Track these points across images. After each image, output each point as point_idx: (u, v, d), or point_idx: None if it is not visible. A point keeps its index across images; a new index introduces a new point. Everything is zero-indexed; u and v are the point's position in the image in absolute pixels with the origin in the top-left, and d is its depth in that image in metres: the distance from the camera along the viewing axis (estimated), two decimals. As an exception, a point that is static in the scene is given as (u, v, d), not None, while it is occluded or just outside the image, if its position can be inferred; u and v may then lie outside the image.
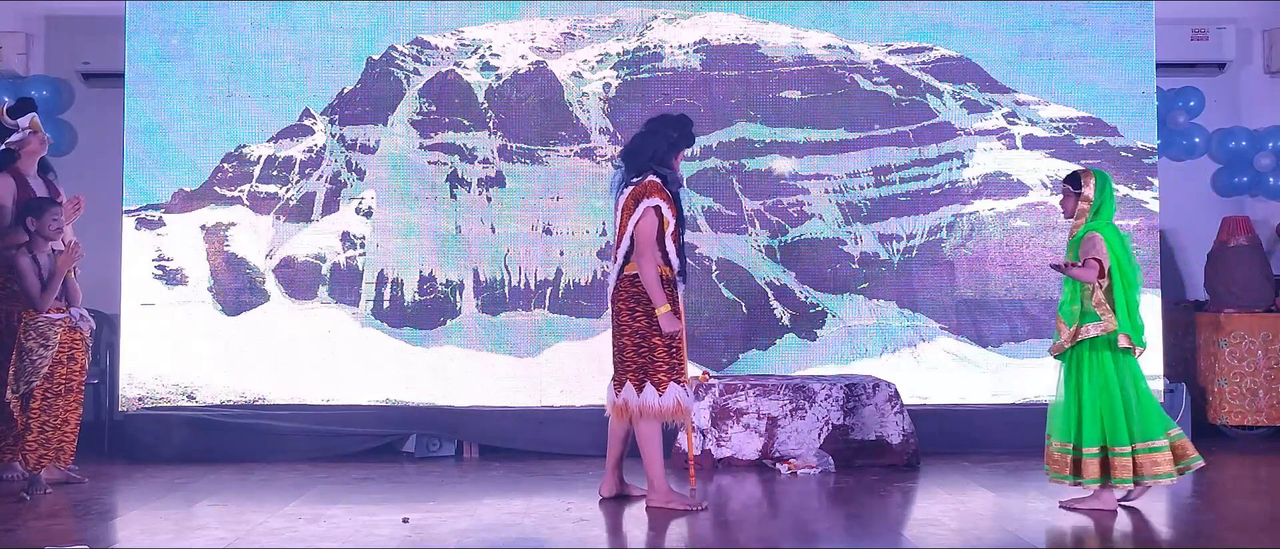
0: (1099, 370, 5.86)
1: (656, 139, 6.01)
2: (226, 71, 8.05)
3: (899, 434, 7.32)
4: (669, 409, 5.89)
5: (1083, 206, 5.97)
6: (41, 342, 6.51)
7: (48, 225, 6.59)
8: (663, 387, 5.87)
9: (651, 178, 5.95)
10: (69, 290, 6.67)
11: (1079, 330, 5.88)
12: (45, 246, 6.59)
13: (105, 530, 5.77)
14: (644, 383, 5.88)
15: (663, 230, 5.88)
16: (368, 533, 5.53)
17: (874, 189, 8.23)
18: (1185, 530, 5.65)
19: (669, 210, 5.90)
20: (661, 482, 5.97)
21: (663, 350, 5.88)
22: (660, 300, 5.81)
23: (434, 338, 8.03)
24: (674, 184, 6.00)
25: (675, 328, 5.84)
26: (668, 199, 5.93)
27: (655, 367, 5.87)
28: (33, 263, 6.53)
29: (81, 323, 6.72)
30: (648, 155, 5.99)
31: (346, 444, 7.75)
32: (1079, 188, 5.99)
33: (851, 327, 8.14)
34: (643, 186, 5.92)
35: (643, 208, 5.86)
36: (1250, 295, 8.47)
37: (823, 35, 8.27)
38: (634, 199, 5.91)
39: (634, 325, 5.90)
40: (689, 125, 6.10)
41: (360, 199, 8.10)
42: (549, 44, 8.30)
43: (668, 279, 5.93)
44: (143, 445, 7.67)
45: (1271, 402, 8.34)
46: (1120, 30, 8.25)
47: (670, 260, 5.93)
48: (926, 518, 5.95)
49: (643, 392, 5.88)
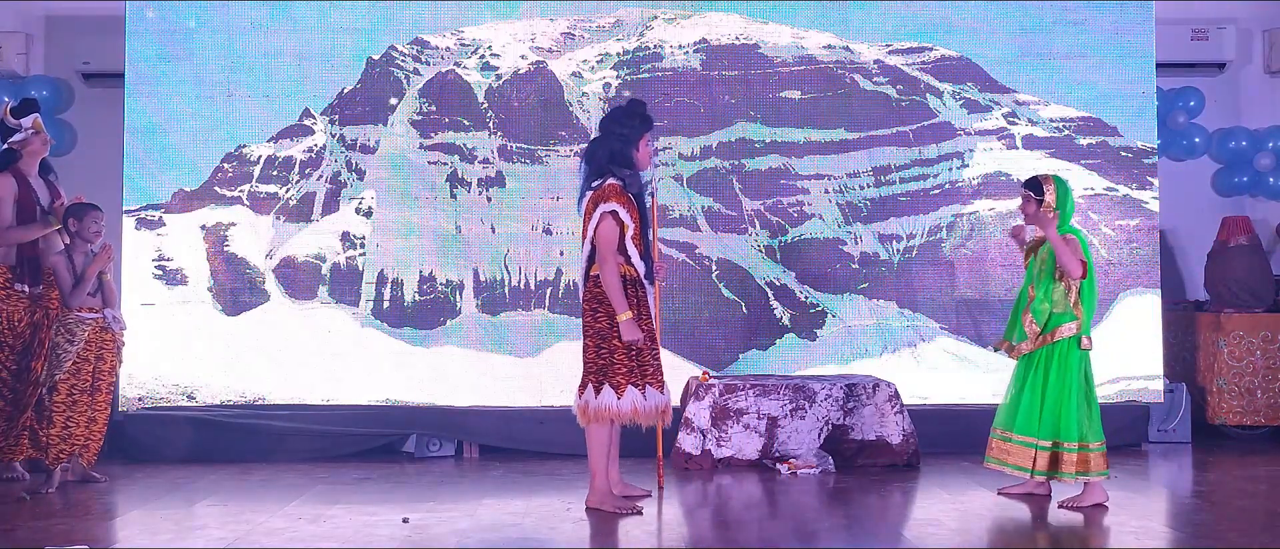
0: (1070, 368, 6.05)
1: (610, 139, 5.99)
2: (226, 71, 8.06)
3: (899, 434, 7.32)
4: (626, 412, 5.86)
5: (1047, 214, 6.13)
6: (67, 337, 6.58)
7: (88, 227, 6.72)
8: (621, 390, 5.85)
9: (611, 180, 5.92)
10: (106, 291, 6.74)
11: (1055, 331, 6.05)
12: (82, 248, 6.68)
13: (105, 530, 5.77)
14: (602, 385, 5.87)
15: (623, 233, 5.86)
16: (368, 533, 5.53)
17: (874, 189, 8.24)
18: (1185, 530, 5.65)
19: (627, 213, 5.86)
20: (602, 483, 5.97)
21: (623, 353, 5.86)
22: (621, 307, 5.80)
23: (434, 338, 8.03)
24: (634, 185, 5.95)
25: (635, 336, 5.81)
26: (626, 201, 5.89)
27: (614, 369, 5.86)
28: (67, 261, 6.65)
29: (114, 324, 6.76)
30: (604, 157, 5.97)
31: (346, 444, 7.75)
32: (1040, 194, 6.16)
33: (851, 327, 8.14)
34: (601, 191, 5.91)
35: (599, 214, 5.86)
36: (1250, 295, 8.47)
37: (823, 35, 8.27)
38: (593, 204, 5.90)
39: (595, 326, 5.90)
40: (639, 110, 6.05)
41: (360, 199, 8.10)
42: (549, 44, 8.30)
43: (633, 280, 5.91)
44: (143, 445, 7.67)
45: (1270, 401, 8.34)
46: (1120, 30, 8.25)
47: (634, 262, 5.91)
48: (926, 518, 5.95)
49: (600, 394, 5.87)
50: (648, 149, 6.05)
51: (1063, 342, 6.05)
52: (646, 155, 6.05)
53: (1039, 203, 6.17)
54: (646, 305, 5.99)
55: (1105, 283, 8.16)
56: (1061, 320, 6.06)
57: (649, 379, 5.93)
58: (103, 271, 6.69)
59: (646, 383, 5.91)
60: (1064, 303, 6.05)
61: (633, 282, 5.92)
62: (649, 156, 6.08)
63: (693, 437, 7.26)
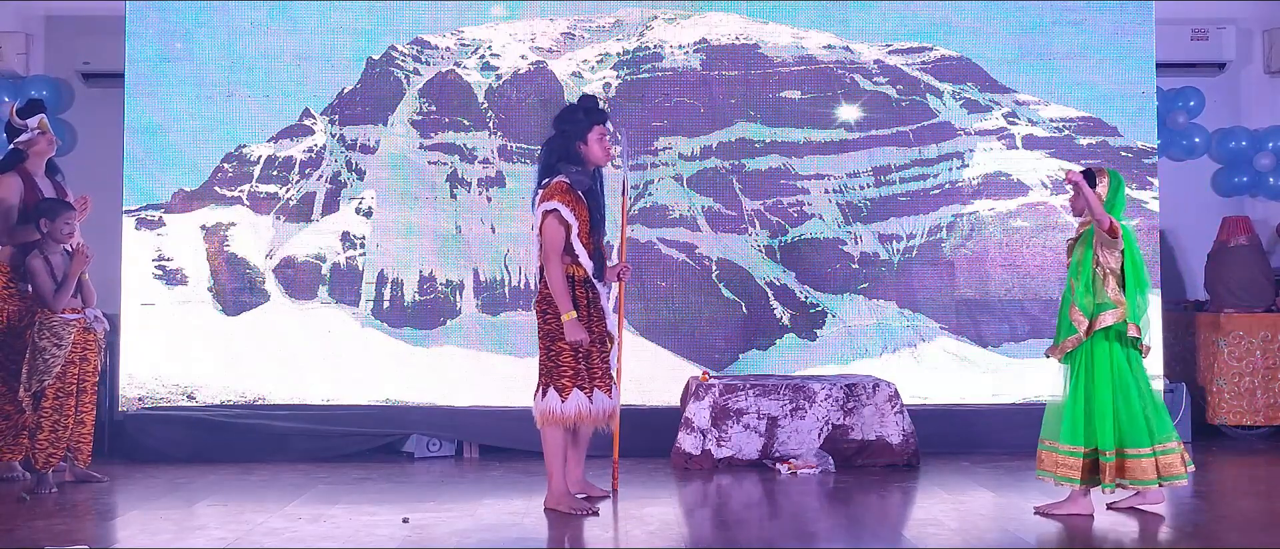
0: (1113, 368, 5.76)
1: (556, 139, 5.95)
2: (226, 71, 8.05)
3: (899, 434, 7.32)
4: (570, 415, 5.81)
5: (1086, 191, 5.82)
6: (55, 341, 6.53)
7: (60, 228, 6.63)
8: (566, 392, 5.79)
9: (558, 179, 5.85)
10: (84, 292, 6.70)
11: (1094, 321, 5.75)
12: (56, 248, 6.62)
13: (105, 530, 5.77)
14: (548, 387, 5.83)
15: (568, 232, 5.80)
16: (368, 533, 5.53)
17: (874, 189, 8.24)
18: (1185, 530, 5.65)
19: (571, 211, 5.79)
20: (558, 484, 5.91)
21: (568, 356, 5.79)
22: (565, 306, 5.74)
23: (434, 338, 8.03)
24: (582, 184, 5.86)
25: (578, 337, 5.73)
26: (571, 199, 5.82)
27: (559, 372, 5.81)
28: (45, 263, 6.56)
29: (96, 324, 6.74)
30: (555, 158, 5.91)
31: (346, 444, 7.75)
32: (1093, 185, 5.86)
33: (851, 327, 8.14)
34: (547, 190, 5.85)
35: (540, 213, 5.82)
36: (1250, 295, 8.47)
37: (823, 35, 8.27)
38: (538, 204, 5.86)
39: (545, 327, 5.85)
40: (586, 104, 5.98)
41: (360, 199, 8.10)
42: (549, 44, 8.30)
43: (581, 279, 5.85)
44: (142, 445, 7.67)
45: (1270, 401, 8.34)
46: (1120, 30, 8.25)
47: (582, 261, 5.83)
48: (926, 518, 5.95)
49: (546, 396, 5.84)
50: (603, 143, 5.95)
51: (1098, 333, 5.74)
52: (601, 150, 5.94)
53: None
54: (599, 305, 5.91)
55: (1105, 283, 8.16)
56: (1102, 309, 5.74)
57: (596, 382, 5.86)
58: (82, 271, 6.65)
59: (594, 386, 5.84)
60: (1105, 293, 5.75)
61: (581, 281, 5.86)
62: (604, 151, 5.96)
63: (693, 437, 7.26)
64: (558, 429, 5.86)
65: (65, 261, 6.61)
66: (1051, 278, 8.11)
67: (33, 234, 6.72)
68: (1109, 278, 5.79)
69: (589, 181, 5.92)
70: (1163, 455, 5.76)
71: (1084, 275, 5.84)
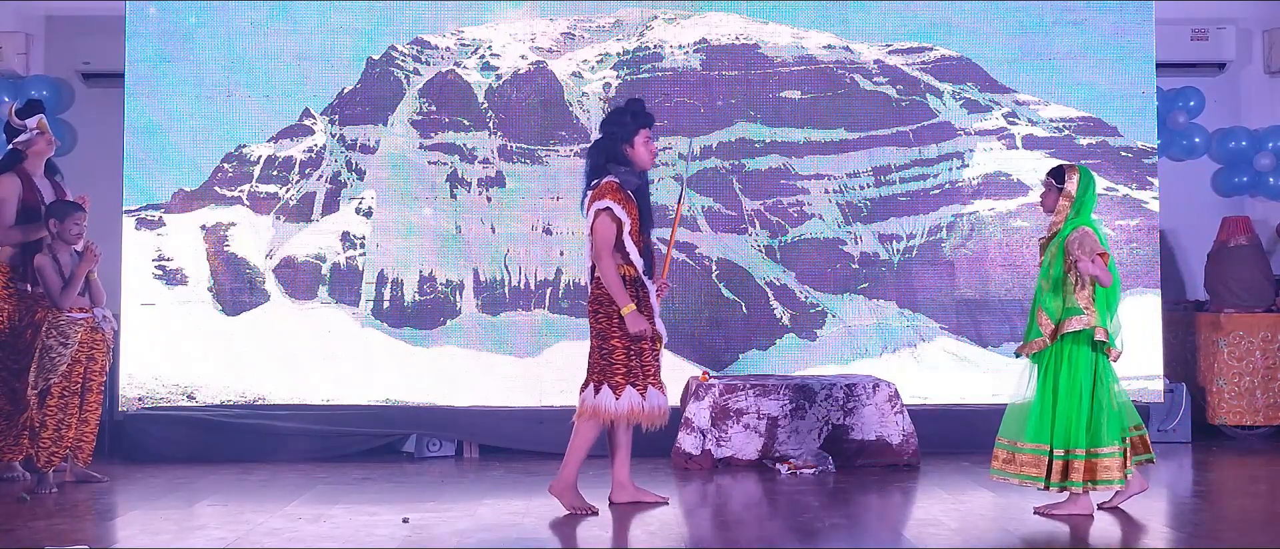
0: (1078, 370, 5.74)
1: (604, 142, 5.99)
2: (226, 71, 8.06)
3: (899, 434, 7.32)
4: (624, 412, 5.85)
5: (1063, 203, 5.86)
6: (62, 339, 6.55)
7: (69, 229, 6.67)
8: (619, 390, 5.83)
9: (608, 179, 5.91)
10: (93, 291, 6.72)
11: (1062, 326, 5.74)
12: (65, 248, 6.65)
13: (105, 530, 5.77)
14: (602, 384, 5.86)
15: (620, 230, 5.84)
16: (368, 533, 5.53)
17: (874, 189, 8.24)
18: (1185, 530, 5.65)
19: (623, 210, 5.84)
20: (572, 475, 5.95)
21: (622, 353, 5.84)
22: (624, 300, 5.78)
23: (434, 338, 8.03)
24: (630, 183, 5.92)
25: (640, 327, 5.78)
26: (622, 198, 5.87)
27: (613, 369, 5.84)
28: (53, 262, 6.59)
29: (104, 324, 6.76)
30: (602, 159, 5.96)
31: (346, 444, 7.75)
32: (1062, 182, 5.88)
33: (851, 327, 8.14)
34: (598, 190, 5.90)
35: (593, 212, 5.86)
36: (1250, 295, 8.47)
37: (823, 35, 8.27)
38: (590, 203, 5.90)
39: (597, 326, 5.89)
40: (634, 107, 6.01)
41: (360, 199, 8.10)
42: (549, 44, 8.30)
43: (632, 279, 5.88)
44: (142, 445, 7.67)
45: (1270, 401, 8.34)
46: (1120, 30, 8.25)
47: (633, 259, 5.88)
48: (926, 518, 5.95)
49: (599, 393, 5.87)
50: (649, 146, 6.01)
51: (1068, 336, 5.73)
52: (647, 153, 6.00)
53: (1059, 191, 5.88)
54: (649, 304, 5.95)
55: (1105, 283, 8.16)
56: (1069, 314, 5.74)
57: (650, 379, 5.91)
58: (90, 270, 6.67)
59: (647, 383, 5.90)
60: (1075, 298, 5.75)
61: (632, 280, 5.90)
62: (650, 154, 6.02)
63: (693, 437, 7.26)
64: (594, 425, 5.90)
65: (73, 261, 6.64)
66: (1051, 278, 8.12)
67: (33, 234, 6.73)
68: (1080, 284, 5.75)
69: (638, 180, 5.97)
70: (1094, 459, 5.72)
71: (1054, 279, 5.81)
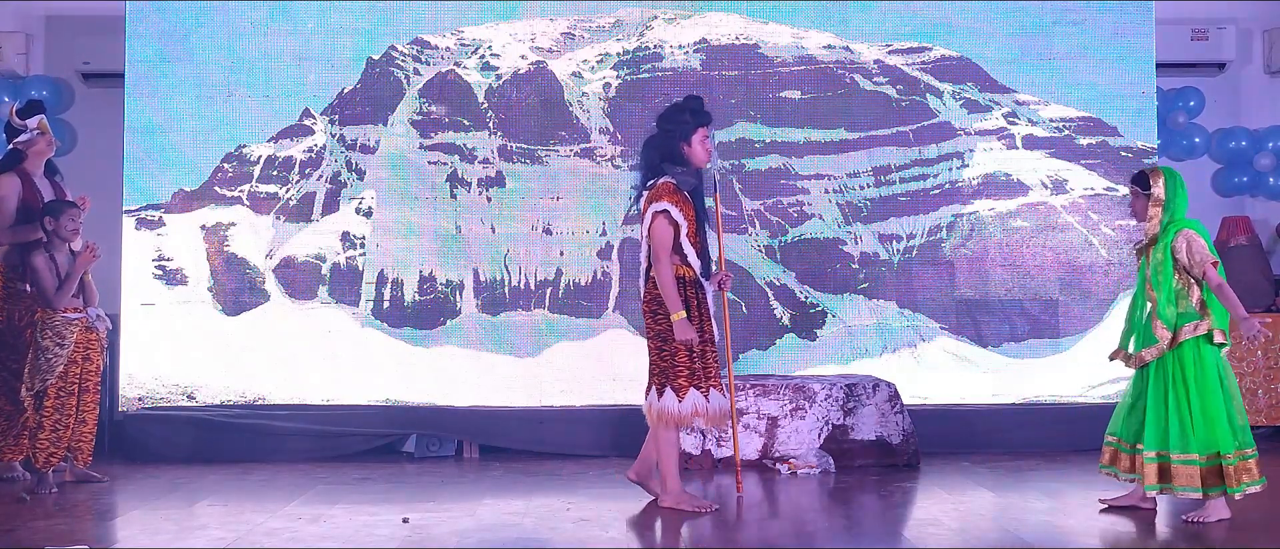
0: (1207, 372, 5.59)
1: (660, 138, 5.94)
2: (226, 71, 8.06)
3: (899, 434, 7.32)
4: (687, 415, 5.82)
5: (1154, 209, 5.70)
6: (57, 340, 6.53)
7: (65, 226, 6.63)
8: (682, 392, 5.81)
9: (665, 179, 5.86)
10: (86, 291, 6.70)
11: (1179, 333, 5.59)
12: (62, 247, 6.63)
13: (105, 530, 5.77)
14: (664, 387, 5.85)
15: (677, 232, 5.82)
16: (368, 533, 5.53)
17: (874, 189, 8.24)
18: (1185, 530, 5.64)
19: (680, 212, 5.81)
20: (675, 483, 5.93)
21: (684, 355, 5.81)
22: (675, 306, 5.75)
23: (434, 338, 8.03)
24: (687, 184, 5.88)
25: (688, 336, 5.75)
26: (679, 199, 5.83)
27: (675, 372, 5.82)
28: (49, 262, 6.57)
29: (98, 323, 6.74)
30: (658, 158, 5.91)
31: (346, 444, 7.75)
32: (1147, 188, 5.72)
33: (851, 327, 8.15)
34: (655, 191, 5.86)
35: (651, 213, 5.82)
36: (1250, 295, 8.47)
37: (823, 35, 8.27)
38: (646, 204, 5.87)
39: (656, 328, 5.87)
40: (690, 104, 5.95)
41: (360, 199, 8.10)
42: (549, 44, 8.30)
43: (690, 280, 5.87)
44: (142, 445, 7.67)
45: (1271, 402, 8.34)
46: (1120, 30, 8.25)
47: (690, 261, 5.86)
48: (926, 518, 5.94)
49: (662, 396, 5.86)
50: (706, 145, 5.94)
51: (1188, 343, 5.58)
52: (703, 151, 5.92)
53: (1147, 197, 5.70)
54: (706, 305, 5.92)
55: (1105, 283, 8.17)
56: (1185, 320, 5.60)
57: (711, 381, 5.88)
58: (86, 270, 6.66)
59: (710, 385, 5.87)
60: (1189, 302, 5.63)
61: (690, 282, 5.87)
62: (707, 152, 5.94)
63: (693, 437, 7.26)
64: (673, 430, 5.87)
65: (69, 260, 6.62)
66: (1051, 278, 8.12)
67: (32, 234, 6.73)
68: (1192, 288, 5.66)
69: (694, 181, 5.92)
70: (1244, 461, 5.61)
71: (1166, 286, 5.67)
